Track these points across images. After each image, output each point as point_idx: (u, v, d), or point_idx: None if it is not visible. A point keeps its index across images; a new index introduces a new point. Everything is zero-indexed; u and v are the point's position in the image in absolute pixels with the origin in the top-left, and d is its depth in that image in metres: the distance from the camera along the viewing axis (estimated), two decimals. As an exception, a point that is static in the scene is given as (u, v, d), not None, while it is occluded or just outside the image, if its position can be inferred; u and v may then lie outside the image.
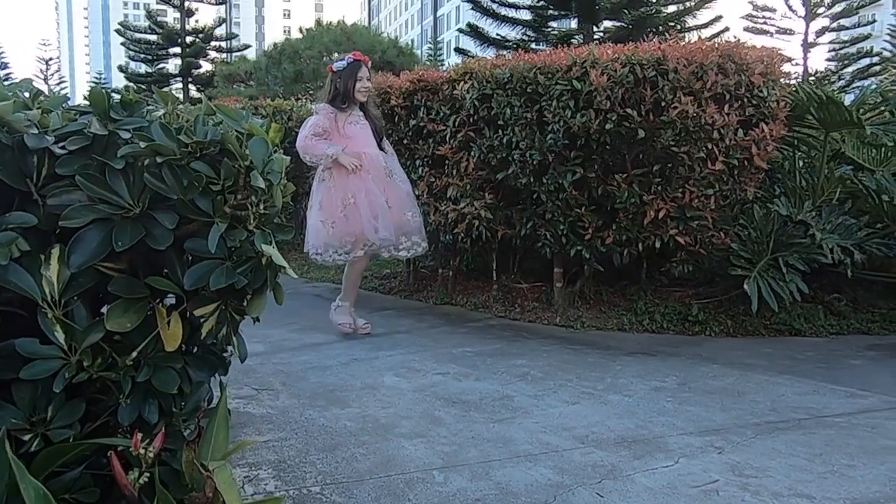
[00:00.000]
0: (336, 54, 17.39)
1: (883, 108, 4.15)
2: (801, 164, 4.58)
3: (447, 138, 4.33)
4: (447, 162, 4.37)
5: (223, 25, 27.10)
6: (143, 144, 1.22)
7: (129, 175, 1.24)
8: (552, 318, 4.14)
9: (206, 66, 25.36)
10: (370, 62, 3.98)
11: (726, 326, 3.92)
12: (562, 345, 3.59)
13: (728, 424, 2.44)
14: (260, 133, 1.33)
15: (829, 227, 3.88)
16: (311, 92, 16.01)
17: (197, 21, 25.89)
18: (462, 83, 4.19)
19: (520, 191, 4.12)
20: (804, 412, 2.58)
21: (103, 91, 1.24)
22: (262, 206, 1.32)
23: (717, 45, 3.63)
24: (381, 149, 3.84)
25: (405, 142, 4.60)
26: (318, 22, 20.52)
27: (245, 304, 1.42)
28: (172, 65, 26.81)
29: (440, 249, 4.89)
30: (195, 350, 1.48)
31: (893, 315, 4.05)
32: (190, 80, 24.62)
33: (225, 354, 1.60)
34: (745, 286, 3.68)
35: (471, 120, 4.21)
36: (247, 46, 27.36)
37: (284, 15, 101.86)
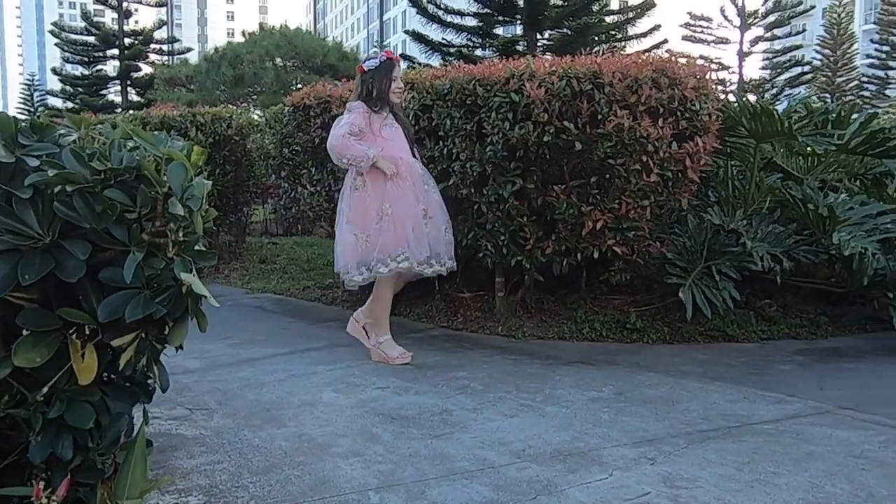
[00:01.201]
0: (278, 59, 17.18)
1: (809, 119, 4.30)
2: (734, 172, 4.71)
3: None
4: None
5: (164, 27, 26.46)
6: (52, 172, 1.17)
7: (38, 203, 1.19)
8: (494, 328, 4.16)
9: (146, 69, 24.74)
10: (311, 63, 3.88)
11: (663, 333, 4.00)
12: (503, 355, 3.61)
13: (661, 434, 2.49)
14: (179, 158, 1.30)
15: (760, 236, 4.01)
16: (252, 97, 15.77)
17: (136, 22, 25.25)
18: (403, 94, 4.17)
19: (461, 201, 4.13)
20: (734, 420, 2.65)
21: (8, 115, 1.19)
22: (181, 234, 1.28)
23: (651, 60, 3.71)
24: (413, 155, 3.60)
25: (346, 152, 4.56)
26: (261, 26, 20.23)
27: (167, 332, 1.38)
28: (111, 66, 26.05)
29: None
30: (115, 379, 1.43)
31: (820, 320, 4.20)
32: (129, 83, 23.97)
33: (149, 381, 1.56)
34: (681, 294, 3.77)
35: (413, 130, 4.19)
36: (188, 49, 26.79)
37: (228, 17, 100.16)
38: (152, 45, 24.59)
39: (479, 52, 14.06)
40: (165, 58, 25.71)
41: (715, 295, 3.80)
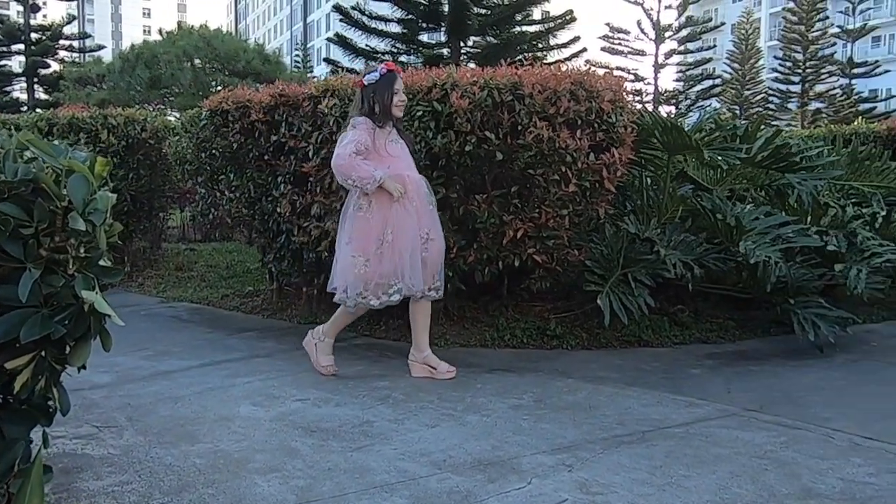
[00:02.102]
0: (197, 60, 16.70)
1: (718, 133, 4.50)
2: (649, 182, 4.88)
3: (310, 155, 4.25)
4: (310, 179, 4.29)
5: (74, 22, 25.34)
6: (-62, 184, 1.10)
7: (-77, 217, 1.11)
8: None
9: (55, 66, 23.60)
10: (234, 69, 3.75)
11: (582, 339, 4.10)
12: (425, 364, 3.60)
13: (579, 441, 2.54)
14: (81, 170, 1.24)
15: (672, 244, 4.16)
16: (169, 99, 15.28)
17: (45, 17, 24.07)
18: (324, 100, 4.13)
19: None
20: (648, 424, 2.74)
21: None
22: (83, 249, 1.22)
23: (569, 73, 3.79)
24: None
25: (266, 158, 4.48)
26: (180, 25, 19.63)
27: (67, 352, 1.31)
28: (17, 62, 24.75)
29: (304, 267, 4.79)
30: (10, 402, 1.35)
31: (728, 324, 4.39)
32: (36, 80, 22.82)
33: (49, 402, 1.48)
34: (599, 301, 3.87)
35: (333, 137, 4.14)
36: (101, 47, 25.78)
37: (144, 14, 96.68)
38: (62, 41, 23.51)
39: (404, 59, 14.10)
40: (76, 55, 24.62)
41: (631, 301, 3.91)
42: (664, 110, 28.51)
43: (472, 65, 12.85)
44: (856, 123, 8.43)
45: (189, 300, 5.43)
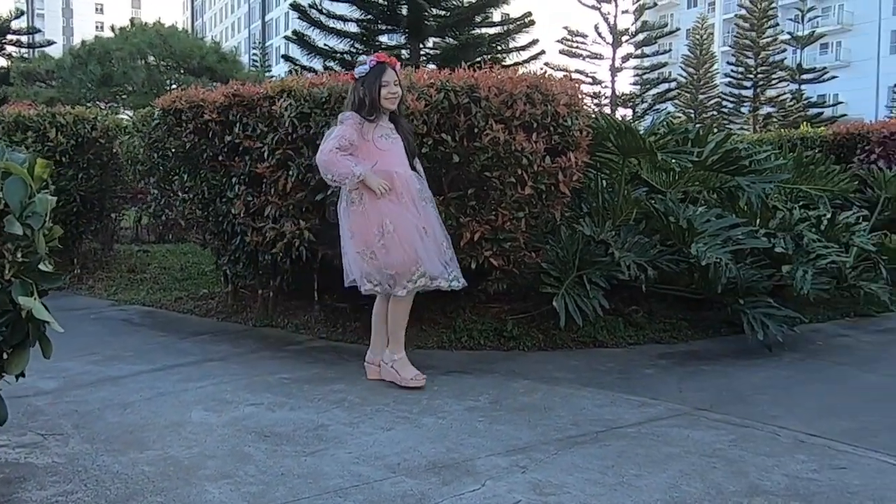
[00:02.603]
0: (151, 58, 16.37)
1: (671, 137, 4.58)
2: (604, 185, 4.94)
3: (265, 156, 4.20)
4: (265, 180, 4.23)
5: (23, 17, 24.60)
6: None
7: None
8: (374, 338, 4.13)
9: (2, 62, 22.87)
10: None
11: (538, 341, 4.13)
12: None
13: (533, 442, 2.56)
14: (18, 172, 1.20)
15: (627, 246, 4.22)
16: (122, 97, 14.95)
17: (-9, 11, 23.32)
18: (280, 100, 4.08)
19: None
20: (601, 424, 2.77)
21: None
22: (20, 254, 1.19)
23: (525, 76, 3.82)
24: (413, 168, 3.35)
25: (220, 158, 4.41)
26: (133, 21, 19.21)
27: (4, 360, 1.27)
28: (-40, 58, 23.91)
29: (259, 269, 4.73)
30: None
31: (681, 325, 4.47)
32: (-19, 76, 22.07)
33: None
34: (554, 303, 3.91)
35: (289, 138, 4.11)
36: (51, 42, 25.09)
37: (97, 9, 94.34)
38: (9, 36, 22.79)
39: (362, 59, 14.02)
40: (25, 50, 23.91)
41: (586, 303, 3.96)
42: (621, 113, 28.96)
43: (431, 66, 12.87)
44: (803, 128, 8.67)
45: (141, 303, 5.32)
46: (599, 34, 30.14)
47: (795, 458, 2.43)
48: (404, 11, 12.94)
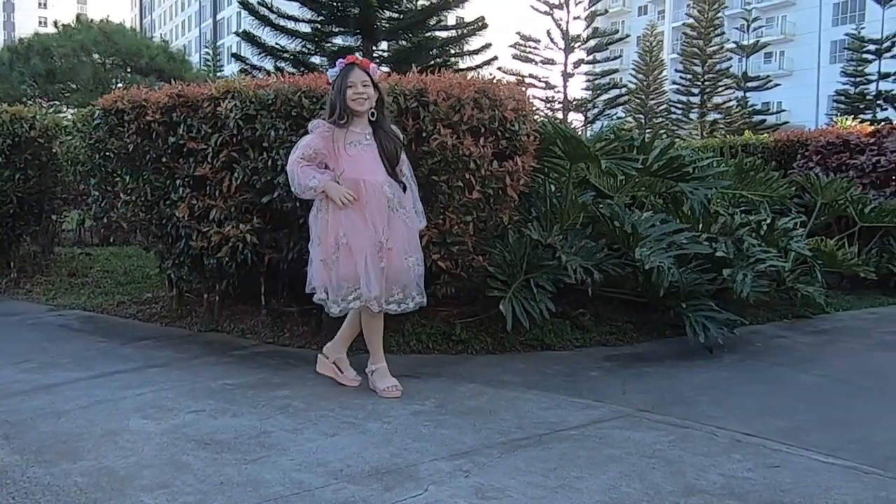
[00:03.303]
0: (96, 55, 15.94)
1: (616, 143, 4.66)
2: (553, 188, 5.00)
3: (209, 158, 4.13)
4: (209, 183, 4.16)
5: (-41, 10, 23.68)
6: None
7: None
8: (322, 343, 4.06)
9: (-64, 57, 21.96)
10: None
11: (486, 344, 4.15)
12: (328, 371, 3.56)
13: (477, 446, 2.57)
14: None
15: (574, 250, 4.27)
16: (66, 94, 14.53)
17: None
18: (225, 101, 4.02)
19: (287, 214, 4.04)
20: (545, 427, 2.80)
21: None
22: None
23: (473, 81, 3.84)
24: (394, 175, 3.19)
25: (163, 160, 4.31)
26: (78, 17, 18.67)
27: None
28: None
29: (205, 273, 4.64)
30: None
31: (627, 327, 4.54)
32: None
33: None
34: (501, 307, 3.93)
35: (234, 140, 4.04)
36: (-11, 37, 24.15)
37: (40, 4, 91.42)
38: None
39: (316, 60, 13.92)
40: (-39, 45, 23.02)
41: (533, 307, 3.99)
42: (573, 118, 29.37)
43: (384, 68, 12.82)
44: (746, 135, 8.93)
45: (82, 308, 5.17)
46: (552, 40, 30.52)
47: (731, 458, 2.49)
48: (355, 13, 12.86)
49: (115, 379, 3.36)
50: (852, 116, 19.68)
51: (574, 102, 30.88)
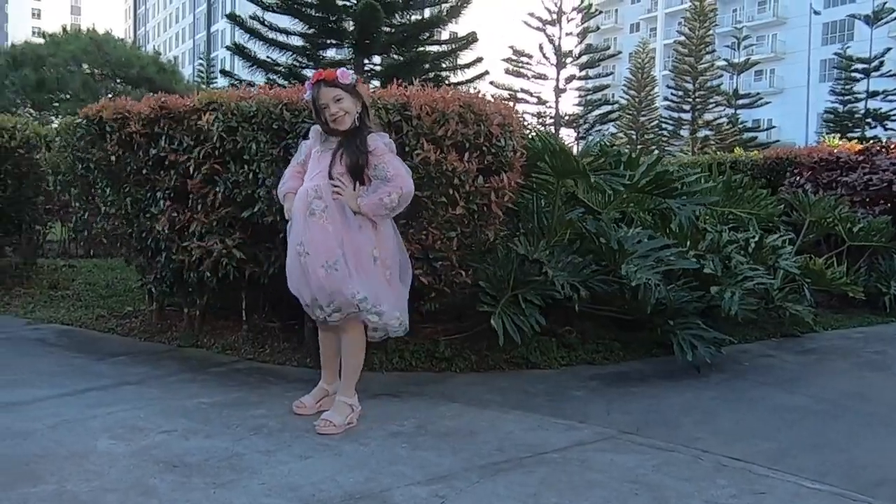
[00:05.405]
0: (84, 65, 15.87)
1: (604, 159, 4.62)
2: (542, 204, 4.94)
3: (191, 171, 4.06)
4: (191, 196, 4.09)
5: (-49, 20, 23.62)
6: None
7: None
8: (302, 359, 4.02)
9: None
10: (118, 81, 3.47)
11: (471, 362, 4.08)
12: (306, 389, 3.44)
13: (456, 469, 2.50)
14: None
15: (560, 266, 4.21)
16: (55, 104, 14.45)
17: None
18: (207, 113, 3.96)
19: (268, 228, 3.97)
20: (527, 449, 2.73)
21: None
22: None
23: (458, 96, 3.79)
24: (360, 180, 2.95)
25: (144, 172, 4.24)
26: (65, 28, 18.61)
27: None
28: None
29: (187, 287, 4.56)
30: None
31: (614, 345, 4.48)
32: None
33: None
34: (492, 322, 3.86)
35: (216, 153, 3.98)
36: (-20, 46, 24.06)
37: (34, 14, 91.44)
38: (-65, 39, 21.81)
39: (308, 73, 13.89)
40: (-48, 54, 22.90)
41: (522, 321, 3.93)
42: (564, 133, 29.46)
43: (375, 82, 12.81)
44: (736, 152, 8.93)
45: (60, 321, 5.06)
46: (544, 55, 30.65)
47: (716, 483, 2.43)
48: (349, 26, 12.86)
49: (86, 397, 3.26)
50: (840, 134, 19.81)
51: (566, 118, 30.98)
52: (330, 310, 2.93)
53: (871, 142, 8.03)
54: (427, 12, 14.33)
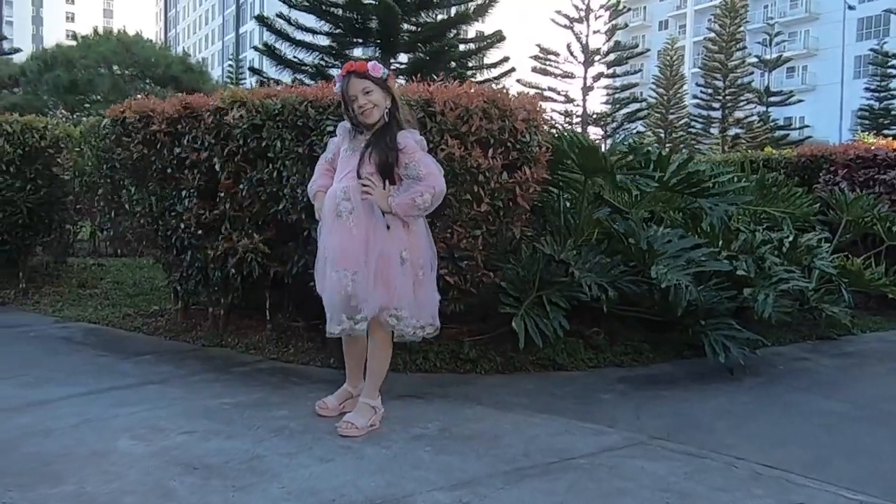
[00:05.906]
0: (115, 66, 16.08)
1: (632, 157, 4.51)
2: (568, 204, 4.85)
3: (217, 169, 4.05)
4: (220, 194, 4.07)
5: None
6: None
7: None
8: (326, 360, 3.98)
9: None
10: (148, 80, 3.44)
11: (496, 363, 4.00)
12: (330, 390, 3.41)
13: (480, 475, 2.43)
14: None
15: (588, 266, 4.11)
16: (85, 105, 14.66)
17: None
18: (232, 112, 3.94)
19: (292, 226, 3.94)
20: (553, 455, 2.65)
21: None
22: None
23: (482, 91, 3.72)
24: (390, 179, 2.85)
25: (168, 171, 4.24)
26: (95, 30, 18.87)
27: None
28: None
29: (211, 286, 4.55)
30: None
31: (643, 347, 4.37)
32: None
33: None
34: (513, 324, 3.79)
35: (241, 151, 3.96)
36: (17, 50, 24.53)
37: (67, 18, 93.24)
38: (-28, 42, 22.30)
39: (335, 71, 13.92)
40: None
41: (546, 324, 3.85)
42: (592, 131, 29.19)
43: (401, 80, 12.78)
44: (767, 150, 8.73)
45: (87, 320, 5.09)
46: (572, 53, 30.41)
47: (751, 493, 2.33)
48: (375, 25, 12.85)
49: (109, 395, 3.26)
50: (875, 132, 19.33)
51: (593, 116, 30.71)
52: (348, 318, 2.83)
53: (911, 139, 7.78)
54: (453, 11, 14.25)
